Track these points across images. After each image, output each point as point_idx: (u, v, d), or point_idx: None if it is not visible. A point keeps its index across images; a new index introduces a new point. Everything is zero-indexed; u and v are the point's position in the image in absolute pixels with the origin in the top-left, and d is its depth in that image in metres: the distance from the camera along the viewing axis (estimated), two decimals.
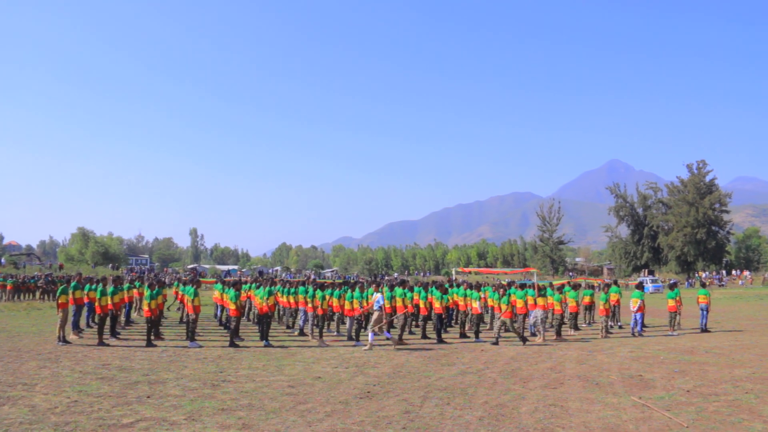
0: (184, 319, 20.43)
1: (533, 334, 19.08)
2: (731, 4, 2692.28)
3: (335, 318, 20.72)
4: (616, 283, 23.47)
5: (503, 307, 18.19)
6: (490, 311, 21.68)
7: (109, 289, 17.72)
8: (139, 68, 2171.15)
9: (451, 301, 20.93)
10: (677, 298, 21.13)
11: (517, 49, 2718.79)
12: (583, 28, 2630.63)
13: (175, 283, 28.38)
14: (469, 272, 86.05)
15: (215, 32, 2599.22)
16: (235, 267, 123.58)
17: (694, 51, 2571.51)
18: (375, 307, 16.93)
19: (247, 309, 23.48)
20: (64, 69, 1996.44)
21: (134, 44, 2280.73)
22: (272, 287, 18.90)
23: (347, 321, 18.79)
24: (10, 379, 11.41)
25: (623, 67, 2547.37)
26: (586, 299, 23.68)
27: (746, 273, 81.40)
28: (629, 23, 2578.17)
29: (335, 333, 20.04)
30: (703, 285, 26.38)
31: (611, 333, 20.53)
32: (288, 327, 21.46)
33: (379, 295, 17.07)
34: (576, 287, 22.35)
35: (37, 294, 40.73)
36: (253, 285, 23.74)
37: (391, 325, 18.70)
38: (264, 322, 17.45)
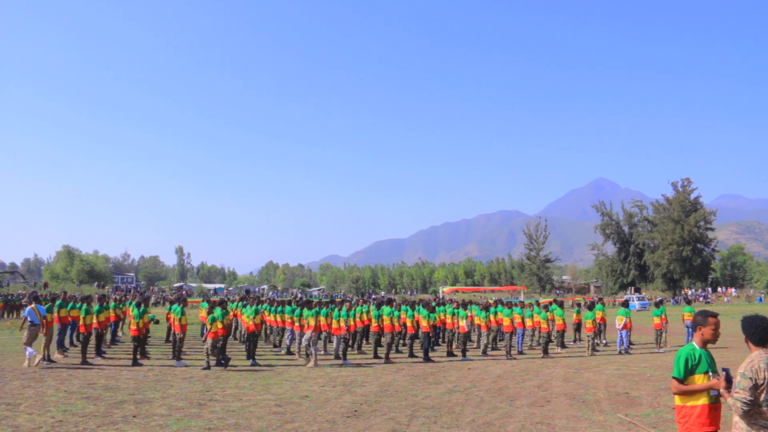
0: (170, 338, 20.32)
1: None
2: (714, 21, 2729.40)
3: (322, 337, 20.70)
4: (601, 300, 23.59)
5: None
6: (477, 330, 21.71)
7: (95, 307, 17.63)
8: (124, 86, 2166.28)
9: (438, 319, 20.96)
10: (663, 316, 21.29)
11: (503, 68, 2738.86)
12: (567, 47, 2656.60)
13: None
14: (457, 291, 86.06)
15: (200, 50, 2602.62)
16: (222, 285, 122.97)
17: (679, 69, 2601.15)
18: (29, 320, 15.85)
19: (233, 328, 23.40)
20: (48, 87, 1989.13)
21: (119, 62, 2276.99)
22: (259, 306, 18.87)
23: (334, 340, 18.77)
24: None
25: (608, 86, 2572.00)
26: (575, 317, 23.82)
27: (731, 290, 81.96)
28: (613, 42, 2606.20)
29: (322, 352, 19.99)
30: (689, 302, 26.58)
31: (598, 351, 20.61)
32: (275, 346, 21.39)
33: (29, 307, 16.20)
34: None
35: (21, 313, 40.34)
36: (240, 304, 23.70)
37: (378, 344, 18.70)
38: (251, 340, 17.40)
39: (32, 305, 16.41)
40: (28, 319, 16.08)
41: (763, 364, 4.74)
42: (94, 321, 17.59)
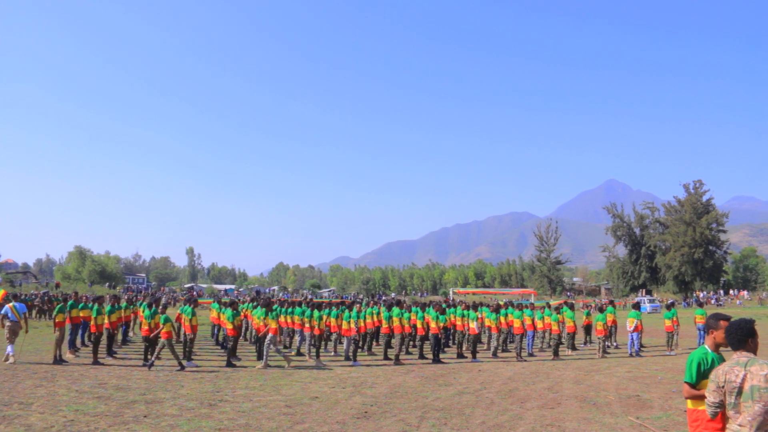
0: (181, 339, 20.39)
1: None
2: (726, 24, 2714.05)
3: (332, 338, 20.71)
4: (612, 303, 23.50)
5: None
6: (487, 331, 21.67)
7: (107, 308, 17.74)
8: (137, 87, 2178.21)
9: (448, 321, 20.93)
10: (674, 318, 21.18)
11: (514, 70, 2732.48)
12: (578, 48, 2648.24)
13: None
14: (467, 293, 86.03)
15: (212, 53, 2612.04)
16: (232, 286, 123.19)
17: (691, 70, 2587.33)
18: None
19: (244, 329, 23.44)
20: (62, 87, 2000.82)
21: (131, 62, 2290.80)
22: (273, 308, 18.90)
23: (344, 341, 18.78)
24: (6, 398, 11.37)
25: (620, 87, 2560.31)
26: (585, 319, 23.74)
27: (744, 293, 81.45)
28: (625, 43, 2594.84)
29: (333, 353, 20.01)
30: (701, 305, 26.44)
31: (608, 353, 20.52)
32: (285, 347, 21.41)
33: (7, 306, 17.04)
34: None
35: (34, 312, 40.62)
36: (251, 305, 23.72)
37: (388, 345, 18.71)
38: (261, 342, 17.44)
39: (10, 304, 17.08)
40: (8, 316, 16.78)
41: (726, 367, 4.66)
42: (106, 321, 17.69)
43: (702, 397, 5.08)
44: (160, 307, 17.00)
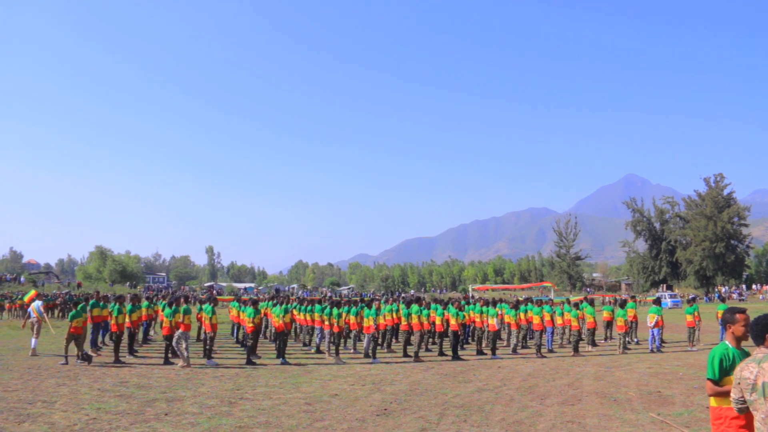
0: (201, 337, 20.52)
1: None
2: (748, 18, 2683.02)
3: (352, 335, 20.75)
4: (633, 298, 23.35)
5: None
6: (506, 328, 21.61)
7: (128, 307, 17.89)
8: (159, 86, 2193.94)
9: (467, 317, 20.89)
10: (696, 313, 20.99)
11: (533, 65, 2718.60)
12: (598, 43, 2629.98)
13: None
14: (486, 290, 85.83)
15: (232, 49, 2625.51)
16: (252, 285, 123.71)
17: (710, 64, 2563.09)
18: None
19: (263, 327, 23.53)
20: (85, 88, 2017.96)
21: (153, 62, 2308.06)
22: (288, 305, 18.96)
23: (364, 338, 18.80)
24: (30, 396, 11.50)
25: (639, 82, 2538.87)
26: (605, 315, 23.59)
27: (767, 287, 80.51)
28: (645, 38, 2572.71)
29: (352, 350, 20.04)
30: (723, 300, 26.16)
31: (629, 349, 20.38)
32: (304, 344, 21.49)
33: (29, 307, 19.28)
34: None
35: (56, 312, 41.10)
36: (270, 302, 23.84)
37: (407, 342, 18.71)
38: (280, 339, 17.50)
39: (32, 304, 19.29)
40: (30, 315, 19.10)
41: (743, 363, 4.57)
42: (127, 320, 17.85)
43: (725, 394, 5.02)
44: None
